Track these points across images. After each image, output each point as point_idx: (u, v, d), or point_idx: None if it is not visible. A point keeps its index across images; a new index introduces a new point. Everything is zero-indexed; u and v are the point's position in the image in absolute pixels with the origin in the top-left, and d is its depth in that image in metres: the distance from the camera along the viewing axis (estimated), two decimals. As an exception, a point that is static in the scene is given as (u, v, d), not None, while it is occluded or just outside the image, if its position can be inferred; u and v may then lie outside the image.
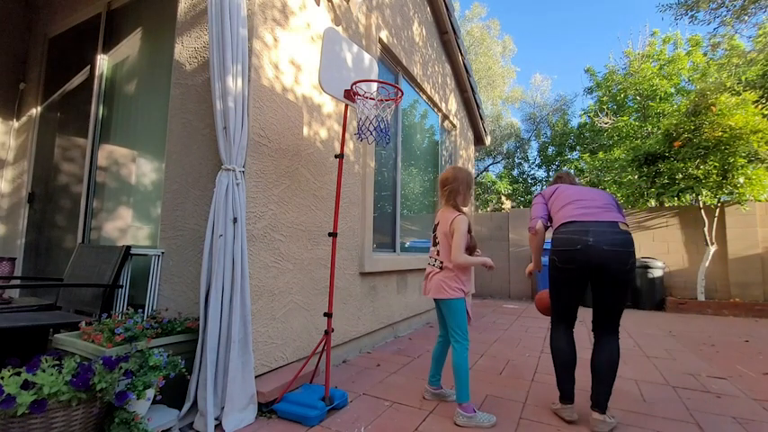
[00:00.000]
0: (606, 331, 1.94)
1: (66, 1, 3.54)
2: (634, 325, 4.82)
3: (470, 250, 2.07)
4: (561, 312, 2.05)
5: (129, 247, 2.37)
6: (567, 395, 1.99)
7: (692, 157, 5.84)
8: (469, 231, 2.05)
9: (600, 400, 1.87)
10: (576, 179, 2.29)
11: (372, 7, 3.44)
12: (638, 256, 6.84)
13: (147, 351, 1.63)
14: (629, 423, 1.95)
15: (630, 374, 2.75)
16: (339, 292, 2.86)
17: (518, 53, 28.13)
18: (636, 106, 11.21)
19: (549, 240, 2.10)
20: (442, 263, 2.09)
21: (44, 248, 3.40)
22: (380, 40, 3.54)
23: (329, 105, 2.83)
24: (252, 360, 1.92)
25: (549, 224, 2.16)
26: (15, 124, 3.85)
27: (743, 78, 8.33)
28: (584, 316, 5.53)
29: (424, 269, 3.11)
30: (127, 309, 2.14)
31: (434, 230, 2.20)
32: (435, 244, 2.17)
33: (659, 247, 6.94)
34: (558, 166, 14.40)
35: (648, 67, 10.77)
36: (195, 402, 1.81)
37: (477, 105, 6.49)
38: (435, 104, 5.10)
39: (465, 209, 2.11)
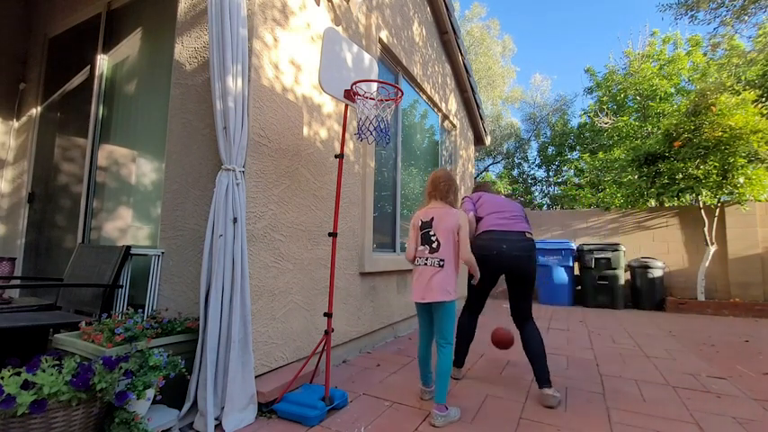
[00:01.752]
0: (523, 319, 2.40)
1: (66, 1, 3.54)
2: (634, 325, 4.82)
3: None
4: (473, 298, 2.57)
5: (129, 247, 2.37)
6: (458, 361, 2.57)
7: (692, 157, 5.84)
8: None
9: (542, 376, 2.21)
10: (494, 188, 2.84)
11: (372, 7, 3.44)
12: (638, 255, 6.86)
13: (147, 351, 1.63)
14: (629, 423, 1.95)
15: (630, 374, 2.75)
16: (339, 292, 2.86)
17: (518, 53, 28.16)
18: (636, 106, 11.21)
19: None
20: (443, 261, 2.00)
21: (44, 248, 3.41)
22: (380, 40, 3.54)
23: (329, 105, 2.83)
24: (252, 360, 1.92)
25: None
26: (15, 124, 3.85)
27: (743, 78, 8.34)
28: (585, 316, 5.53)
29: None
30: (127, 309, 2.14)
31: (423, 228, 2.10)
32: (426, 242, 2.07)
33: (659, 247, 6.94)
34: (558, 165, 14.41)
35: (648, 67, 10.77)
36: (195, 402, 1.81)
37: (477, 105, 6.49)
38: (435, 104, 5.10)
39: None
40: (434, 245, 2.05)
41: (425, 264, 2.05)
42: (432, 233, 2.07)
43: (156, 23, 2.85)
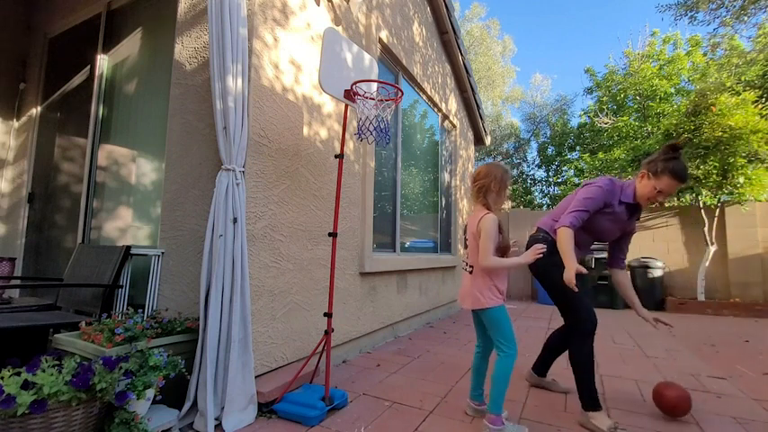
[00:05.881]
0: None
1: (66, 1, 3.54)
2: (634, 325, 4.81)
3: (503, 251, 1.87)
4: None
5: (129, 247, 2.36)
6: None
7: (692, 157, 5.84)
8: (501, 231, 1.86)
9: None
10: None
11: (372, 7, 3.44)
12: (638, 255, 6.85)
13: (147, 351, 1.63)
14: (629, 423, 1.95)
15: (630, 374, 2.74)
16: (339, 292, 2.86)
17: (518, 53, 28.21)
18: (636, 106, 11.20)
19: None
20: (472, 267, 1.92)
21: (44, 248, 3.40)
22: (380, 40, 3.54)
23: (329, 105, 2.83)
24: (252, 360, 1.92)
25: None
26: (15, 124, 3.85)
27: (743, 78, 8.33)
28: (584, 316, 5.54)
29: (425, 269, 3.01)
30: (127, 309, 2.14)
31: (464, 232, 2.03)
32: (465, 247, 2.01)
33: (659, 247, 6.94)
34: (557, 165, 14.40)
35: (648, 67, 10.77)
36: (195, 402, 1.81)
37: (477, 105, 6.50)
38: (435, 104, 5.10)
39: (496, 208, 1.92)
40: (468, 250, 1.98)
41: (464, 269, 2.00)
42: (467, 238, 1.99)
43: (155, 23, 2.85)
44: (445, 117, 5.55)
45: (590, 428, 1.87)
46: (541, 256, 1.85)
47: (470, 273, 1.91)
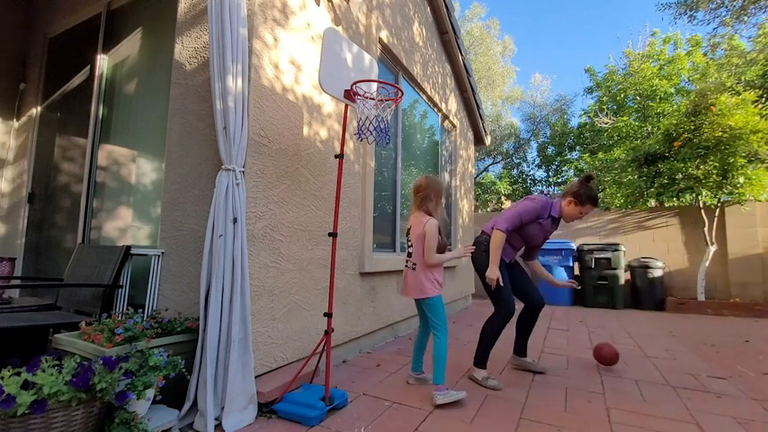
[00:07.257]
0: None
1: (66, 1, 3.54)
2: (634, 325, 4.82)
3: (441, 249, 2.25)
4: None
5: (129, 247, 2.36)
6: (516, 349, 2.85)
7: (691, 157, 5.84)
8: (440, 233, 2.26)
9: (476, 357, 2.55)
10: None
11: (372, 7, 3.44)
12: (638, 255, 6.86)
13: (147, 351, 1.63)
14: (630, 423, 1.95)
15: (630, 374, 2.74)
16: (339, 292, 2.86)
17: (518, 53, 28.21)
18: (636, 106, 11.21)
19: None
20: (415, 264, 2.27)
21: (44, 248, 3.41)
22: (380, 40, 3.54)
23: (329, 105, 2.83)
24: (252, 360, 1.92)
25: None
26: (15, 124, 3.85)
27: (743, 78, 8.34)
28: (585, 316, 5.53)
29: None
30: (127, 309, 2.14)
31: (406, 235, 2.38)
32: (408, 247, 2.36)
33: (659, 247, 6.94)
34: (557, 165, 14.40)
35: (648, 67, 10.78)
36: (195, 402, 1.81)
37: (477, 105, 6.50)
38: (435, 104, 5.10)
39: (435, 215, 2.32)
40: (410, 250, 2.33)
41: (406, 266, 2.37)
42: (408, 239, 2.34)
43: (155, 23, 2.85)
44: (445, 117, 5.55)
45: (473, 378, 2.51)
46: (473, 251, 2.46)
47: (413, 269, 2.28)
